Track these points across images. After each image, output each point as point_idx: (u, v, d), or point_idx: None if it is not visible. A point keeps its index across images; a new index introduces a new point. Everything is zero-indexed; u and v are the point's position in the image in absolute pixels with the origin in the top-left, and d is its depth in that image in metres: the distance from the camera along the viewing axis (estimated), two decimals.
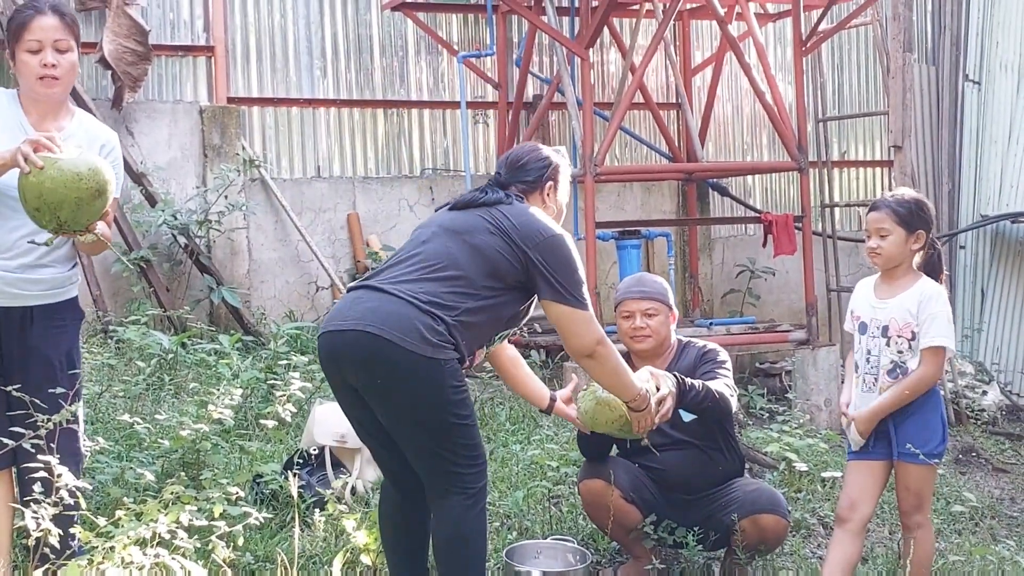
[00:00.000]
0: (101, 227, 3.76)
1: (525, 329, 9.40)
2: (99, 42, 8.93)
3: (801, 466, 6.35)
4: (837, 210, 11.21)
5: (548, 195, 4.19)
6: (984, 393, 9.63)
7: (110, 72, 8.99)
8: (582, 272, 3.99)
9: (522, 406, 7.72)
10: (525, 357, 8.58)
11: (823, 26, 9.80)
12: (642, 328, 4.81)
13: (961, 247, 11.96)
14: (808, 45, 9.65)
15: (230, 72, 9.74)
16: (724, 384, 4.65)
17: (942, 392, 9.03)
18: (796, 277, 10.56)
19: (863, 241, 4.69)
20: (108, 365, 7.21)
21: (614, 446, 4.93)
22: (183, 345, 7.61)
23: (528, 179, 4.17)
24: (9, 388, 3.82)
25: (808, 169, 9.44)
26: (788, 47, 11.42)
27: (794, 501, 6.09)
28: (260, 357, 7.49)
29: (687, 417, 4.76)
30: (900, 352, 4.43)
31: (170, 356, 7.35)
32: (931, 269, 4.56)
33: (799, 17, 9.60)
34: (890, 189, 11.61)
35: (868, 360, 4.52)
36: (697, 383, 4.53)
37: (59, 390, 3.88)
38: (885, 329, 4.47)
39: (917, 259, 4.54)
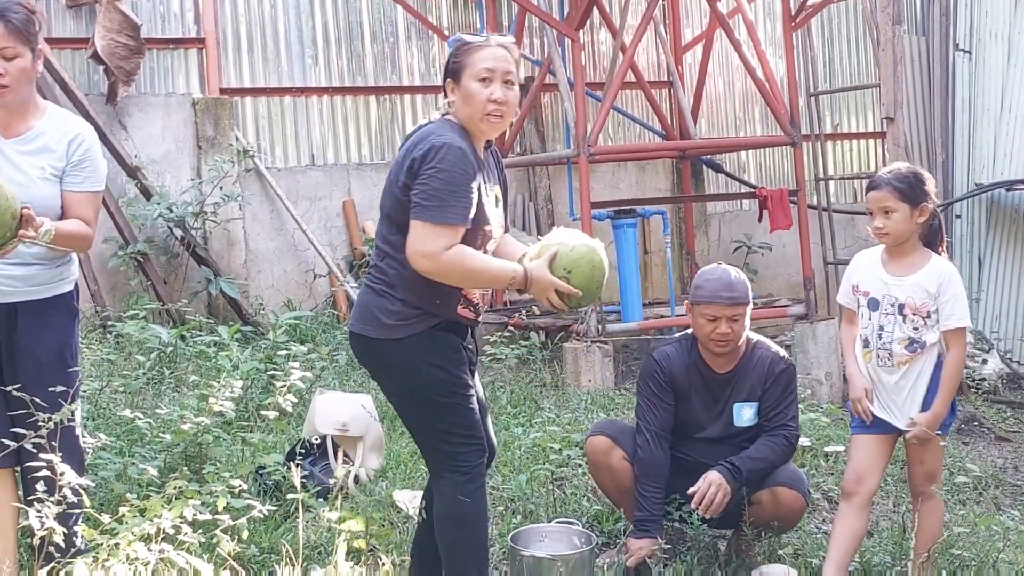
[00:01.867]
0: (53, 223, 3.75)
1: (524, 312, 9.42)
2: (91, 38, 8.91)
3: (804, 441, 6.36)
4: (832, 183, 11.21)
5: (453, 93, 3.87)
6: (984, 362, 9.63)
7: (102, 67, 8.98)
8: (454, 187, 3.65)
9: (523, 389, 7.73)
10: (524, 339, 8.65)
11: (812, 0, 9.78)
12: (727, 334, 4.67)
13: (957, 216, 11.95)
14: (797, 20, 9.63)
15: (222, 63, 9.72)
16: (784, 435, 4.72)
17: None
18: (793, 251, 10.57)
19: (859, 213, 4.70)
20: (108, 360, 7.22)
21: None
22: (182, 338, 7.62)
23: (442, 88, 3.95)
24: (9, 388, 3.83)
25: (801, 143, 9.44)
26: (777, 22, 11.40)
27: None
28: (259, 347, 7.49)
29: (744, 421, 4.77)
30: (916, 329, 4.46)
31: (169, 349, 7.35)
32: (932, 238, 4.56)
33: None
34: (884, 161, 11.64)
35: (880, 336, 4.52)
36: (745, 467, 4.60)
37: (59, 388, 3.87)
38: (900, 307, 4.48)
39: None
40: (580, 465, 5.82)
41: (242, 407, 6.32)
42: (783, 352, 4.88)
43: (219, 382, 5.51)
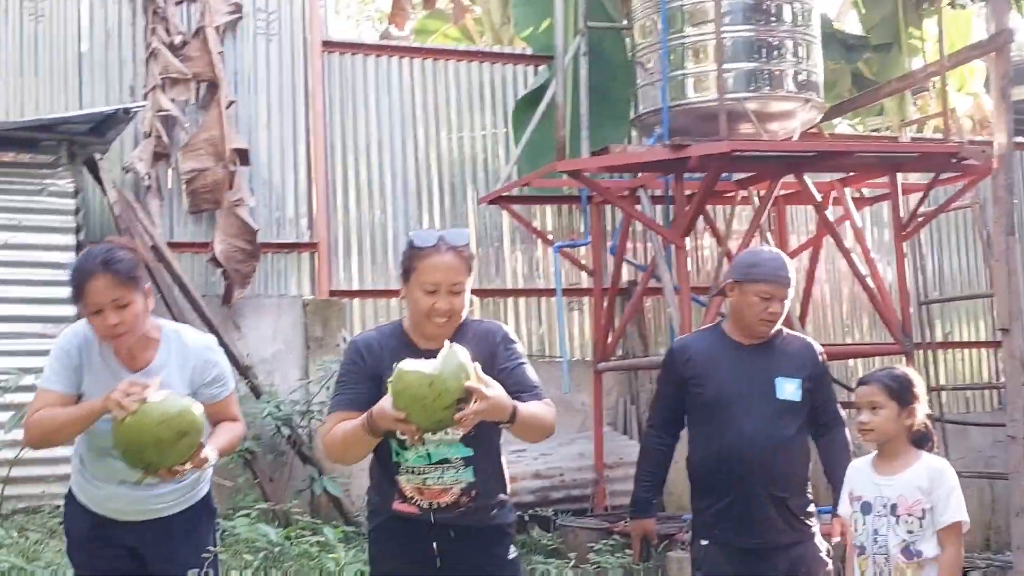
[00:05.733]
0: (213, 449, 3.84)
1: (627, 518, 9.23)
2: (210, 242, 9.23)
3: None
4: (944, 393, 10.96)
5: (404, 291, 3.84)
6: None
7: (220, 270, 9.26)
8: (341, 378, 3.87)
9: None
10: (628, 548, 8.44)
11: (922, 209, 9.76)
12: (777, 313, 4.66)
13: None
14: (908, 229, 9.59)
15: (332, 266, 9.97)
16: (841, 427, 4.88)
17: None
18: None
19: (973, 424, 4.60)
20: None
21: None
22: (287, 537, 7.59)
23: None
24: None
25: (913, 351, 9.29)
26: (886, 228, 11.39)
27: None
28: (362, 548, 7.41)
29: (787, 395, 4.66)
30: (911, 532, 4.27)
31: (277, 549, 7.32)
32: (921, 443, 4.43)
33: (898, 202, 9.57)
34: (998, 372, 11.41)
35: (876, 540, 4.35)
36: None
37: None
38: (894, 507, 4.32)
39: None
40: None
41: None
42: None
43: None
